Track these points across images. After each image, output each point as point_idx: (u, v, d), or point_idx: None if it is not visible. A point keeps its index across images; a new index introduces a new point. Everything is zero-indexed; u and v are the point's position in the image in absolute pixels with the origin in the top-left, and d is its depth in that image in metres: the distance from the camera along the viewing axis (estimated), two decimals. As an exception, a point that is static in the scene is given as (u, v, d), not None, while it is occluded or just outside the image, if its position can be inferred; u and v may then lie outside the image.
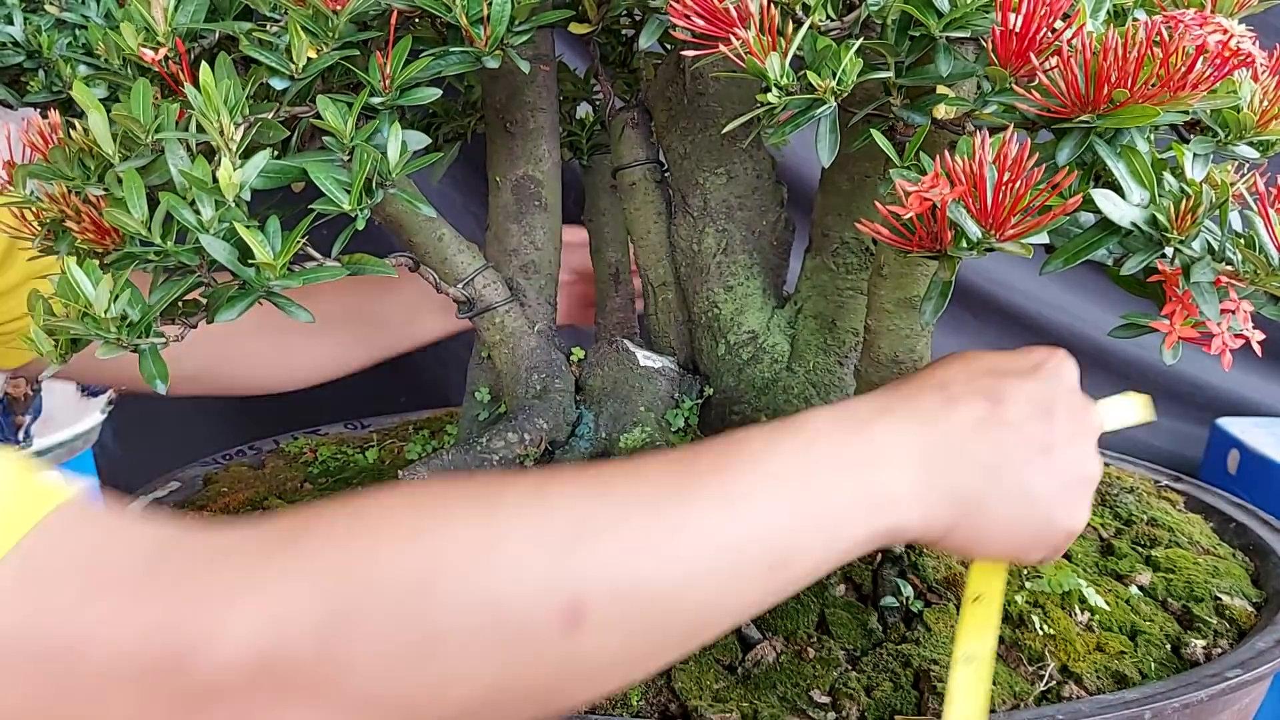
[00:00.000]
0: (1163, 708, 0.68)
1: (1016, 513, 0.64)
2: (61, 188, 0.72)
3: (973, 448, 0.63)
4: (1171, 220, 0.61)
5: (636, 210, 0.95)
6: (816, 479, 0.59)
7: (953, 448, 0.63)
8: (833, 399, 0.92)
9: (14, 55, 0.96)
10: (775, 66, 0.61)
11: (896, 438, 0.62)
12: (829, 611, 0.76)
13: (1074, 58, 0.58)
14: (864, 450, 0.61)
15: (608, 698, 0.69)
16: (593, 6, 0.83)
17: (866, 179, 0.87)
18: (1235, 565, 0.89)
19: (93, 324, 0.67)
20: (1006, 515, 0.64)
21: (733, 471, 0.57)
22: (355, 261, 0.74)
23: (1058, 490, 0.65)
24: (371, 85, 0.70)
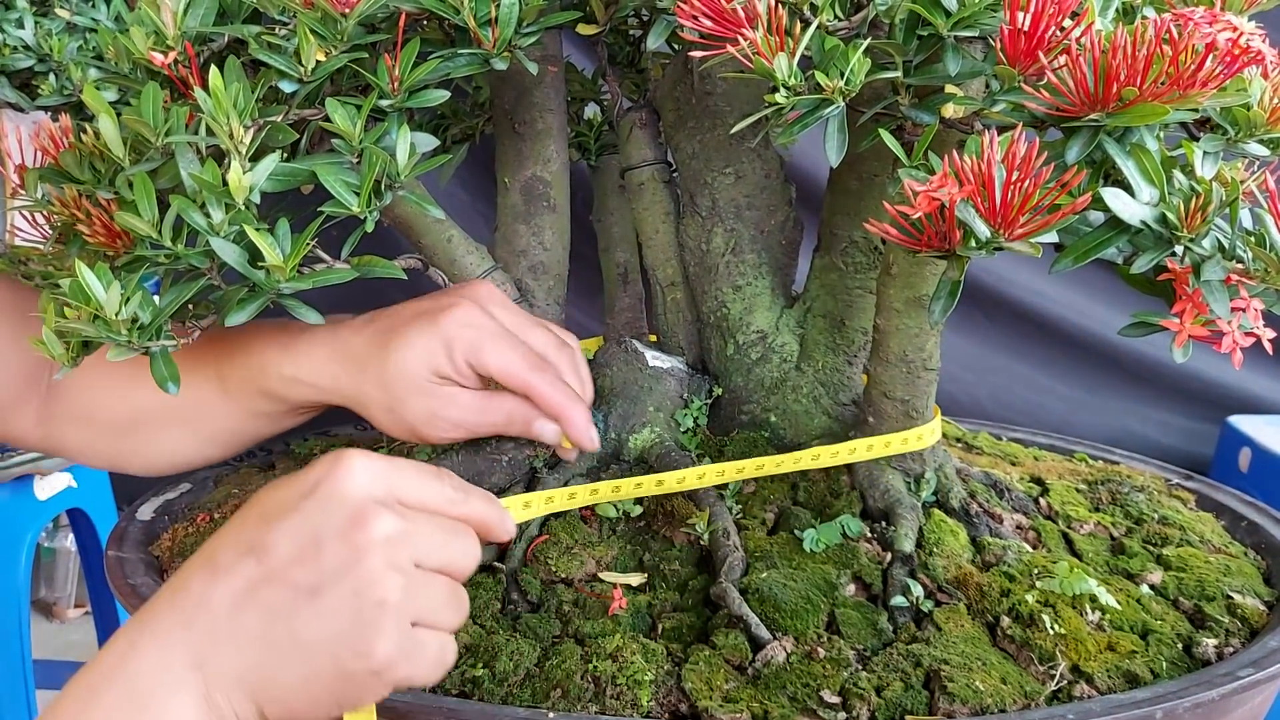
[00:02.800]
0: (1174, 707, 0.68)
1: (302, 672, 0.59)
2: (72, 191, 0.72)
3: (242, 622, 0.59)
4: (1181, 218, 0.60)
5: (645, 210, 0.95)
6: None
7: (220, 633, 0.59)
8: (842, 398, 0.92)
9: (25, 59, 0.96)
10: (783, 67, 0.61)
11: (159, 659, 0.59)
12: (839, 611, 0.76)
13: (1083, 56, 0.58)
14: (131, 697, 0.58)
15: (617, 698, 0.69)
16: (600, 8, 0.83)
17: (875, 178, 0.87)
18: (1247, 564, 0.88)
19: (104, 327, 0.67)
20: (295, 679, 0.59)
21: None
22: (364, 263, 0.74)
23: (339, 631, 0.59)
24: (380, 87, 0.71)
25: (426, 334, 0.78)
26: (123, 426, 0.90)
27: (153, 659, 0.59)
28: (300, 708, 0.60)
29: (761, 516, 0.85)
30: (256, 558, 0.60)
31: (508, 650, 0.72)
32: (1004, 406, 2.35)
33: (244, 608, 0.59)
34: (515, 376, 0.77)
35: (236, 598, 0.59)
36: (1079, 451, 1.11)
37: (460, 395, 0.80)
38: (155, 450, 0.91)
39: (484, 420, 0.80)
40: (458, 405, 0.80)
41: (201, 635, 0.59)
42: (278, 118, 0.71)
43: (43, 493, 1.92)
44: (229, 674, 0.59)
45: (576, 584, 0.80)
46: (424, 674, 0.61)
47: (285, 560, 0.60)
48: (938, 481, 0.87)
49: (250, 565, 0.60)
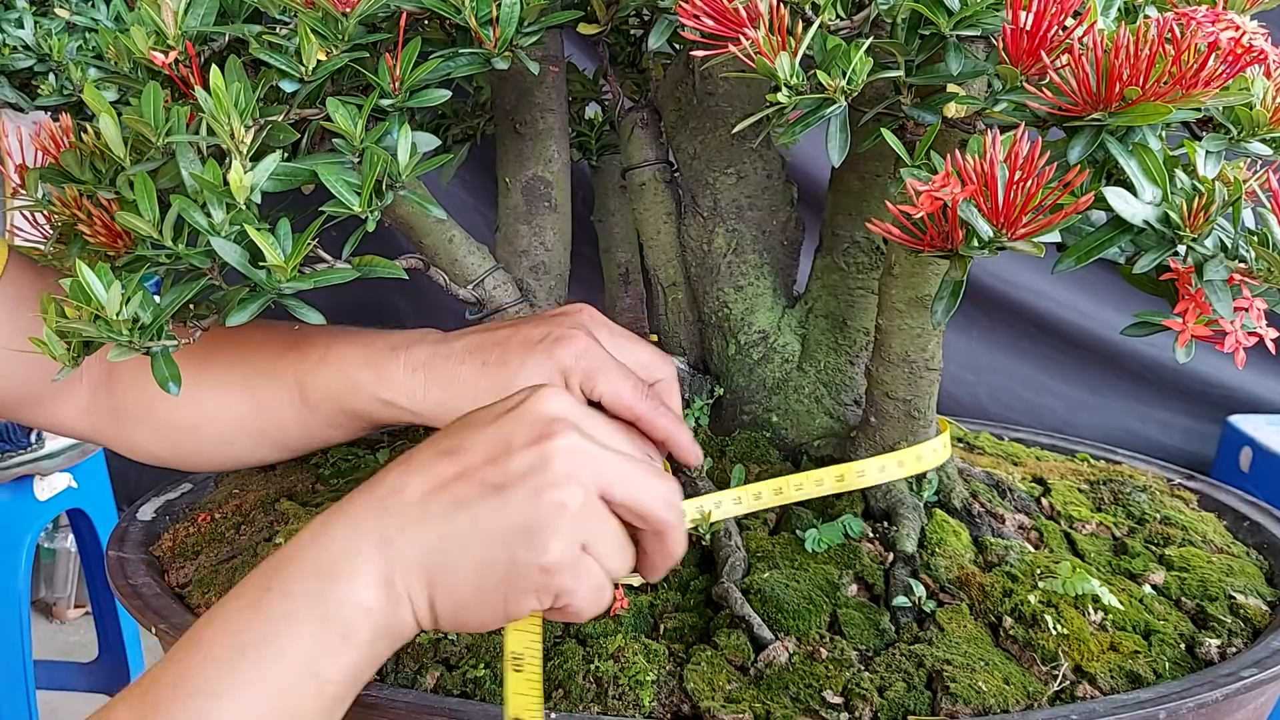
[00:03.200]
0: (1177, 707, 0.68)
1: (478, 560, 0.62)
2: (73, 191, 0.72)
3: (430, 509, 0.63)
4: (1184, 218, 0.60)
5: (646, 210, 0.95)
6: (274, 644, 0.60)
7: (408, 516, 0.63)
8: (844, 398, 0.91)
9: (25, 59, 0.96)
10: (785, 66, 0.61)
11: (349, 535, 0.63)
12: (841, 612, 0.76)
13: (1085, 55, 0.58)
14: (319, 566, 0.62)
15: (619, 698, 0.69)
16: (601, 7, 0.83)
17: (877, 178, 0.87)
18: (1249, 564, 0.88)
19: (105, 327, 0.67)
20: (469, 567, 0.62)
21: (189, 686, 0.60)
22: (365, 263, 0.74)
23: (517, 525, 0.62)
24: (381, 87, 0.71)
25: (545, 366, 0.77)
26: (184, 426, 0.89)
27: (343, 535, 0.63)
28: (469, 600, 0.63)
29: (763, 516, 0.85)
30: (452, 458, 0.64)
31: (509, 651, 0.72)
32: (1005, 407, 2.35)
33: (434, 497, 0.63)
34: (626, 406, 0.76)
35: (428, 489, 0.63)
36: (1081, 451, 1.11)
37: None
38: (220, 452, 0.90)
39: None
40: None
41: (391, 518, 0.63)
42: (279, 117, 0.71)
43: (43, 493, 1.92)
44: (410, 556, 0.62)
45: (578, 584, 0.80)
46: (584, 598, 0.64)
47: (478, 461, 0.64)
48: (940, 481, 0.87)
49: (445, 464, 0.64)
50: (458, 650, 0.74)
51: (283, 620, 0.61)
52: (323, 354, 0.84)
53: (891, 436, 0.85)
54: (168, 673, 0.61)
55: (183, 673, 0.60)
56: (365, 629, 0.61)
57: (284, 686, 0.60)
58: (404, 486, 0.64)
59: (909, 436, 0.85)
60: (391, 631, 0.63)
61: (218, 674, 0.59)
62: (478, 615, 0.64)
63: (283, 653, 0.60)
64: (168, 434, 0.91)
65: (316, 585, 0.61)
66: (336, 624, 0.61)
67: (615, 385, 0.77)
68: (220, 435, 0.89)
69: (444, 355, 0.81)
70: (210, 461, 0.93)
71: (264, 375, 0.86)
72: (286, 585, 0.62)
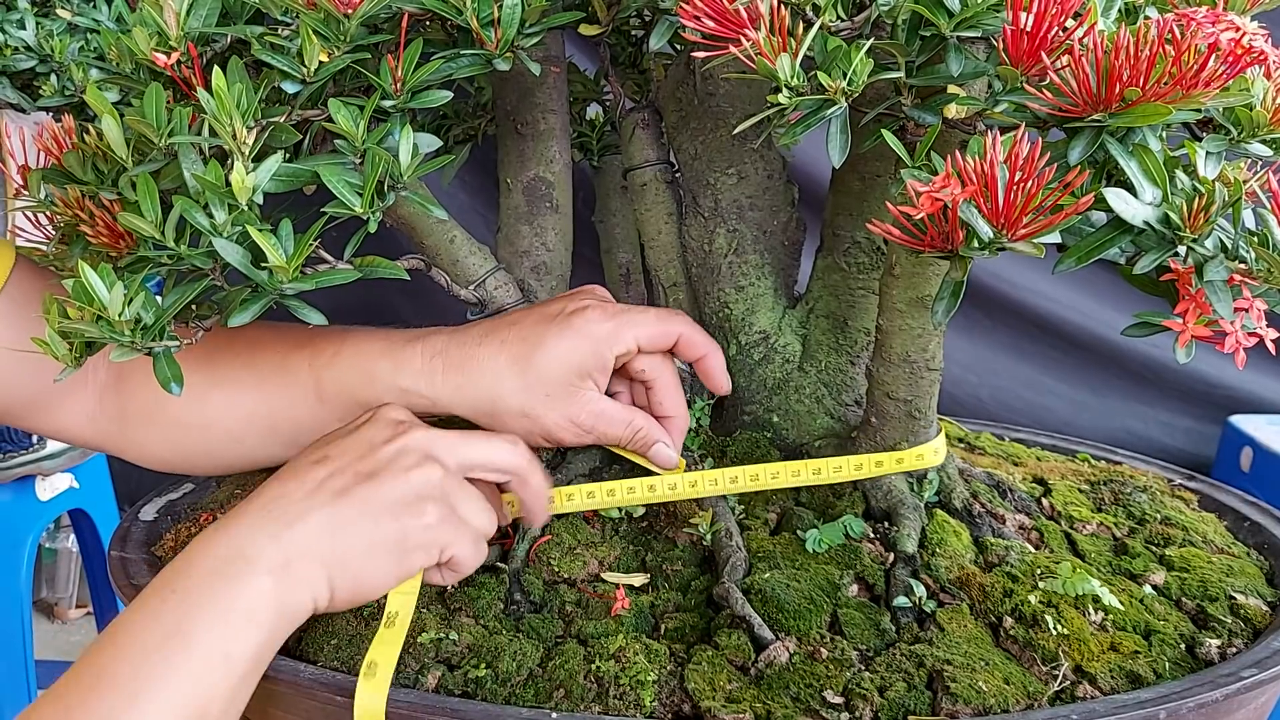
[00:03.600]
0: (1177, 708, 0.68)
1: (368, 535, 0.72)
2: (75, 192, 0.72)
3: (314, 503, 0.72)
4: (1184, 218, 0.60)
5: (647, 211, 0.95)
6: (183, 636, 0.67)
7: (295, 513, 0.72)
8: (845, 398, 0.92)
9: (27, 60, 0.96)
10: (786, 67, 0.61)
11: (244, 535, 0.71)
12: (841, 612, 0.76)
13: (1085, 56, 0.58)
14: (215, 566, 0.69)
15: (620, 698, 0.69)
16: (603, 8, 0.83)
17: (877, 179, 0.87)
18: (1250, 564, 0.88)
19: (107, 327, 0.67)
20: (362, 543, 0.72)
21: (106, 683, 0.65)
22: (367, 264, 0.74)
23: (396, 498, 0.73)
24: (383, 88, 0.71)
25: (567, 338, 0.80)
26: (194, 425, 0.90)
27: (237, 536, 0.71)
28: (366, 569, 0.72)
29: (764, 517, 0.85)
30: (323, 463, 0.75)
31: (510, 650, 0.72)
32: (1006, 408, 2.35)
33: (316, 494, 0.73)
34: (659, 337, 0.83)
35: (307, 488, 0.73)
36: (1081, 452, 1.11)
37: (597, 401, 0.82)
38: (229, 451, 0.91)
39: (612, 430, 0.83)
40: (592, 410, 0.82)
41: (278, 517, 0.72)
42: (280, 118, 0.71)
43: (44, 493, 1.92)
44: (305, 545, 0.71)
45: (579, 584, 0.80)
46: (465, 551, 0.75)
47: (348, 459, 0.75)
48: (940, 482, 0.87)
49: (319, 469, 0.74)
50: (459, 650, 0.74)
51: (188, 616, 0.67)
52: (338, 348, 0.85)
53: (892, 437, 0.85)
54: (85, 673, 0.66)
55: (98, 672, 0.65)
56: (268, 610, 0.69)
57: (200, 670, 0.66)
58: (285, 493, 0.73)
59: (910, 437, 0.85)
60: (289, 612, 0.70)
61: (132, 669, 0.65)
62: (374, 581, 0.73)
63: (191, 642, 0.66)
64: (176, 434, 0.91)
65: (217, 581, 0.69)
66: (241, 610, 0.68)
67: (643, 329, 0.83)
68: (230, 433, 0.89)
69: (460, 341, 0.83)
70: (218, 462, 0.93)
71: (277, 371, 0.87)
72: (187, 585, 0.69)
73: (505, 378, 0.80)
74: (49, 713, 0.65)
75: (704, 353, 0.85)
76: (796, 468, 0.85)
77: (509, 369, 0.80)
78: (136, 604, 0.69)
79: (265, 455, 0.91)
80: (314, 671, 0.72)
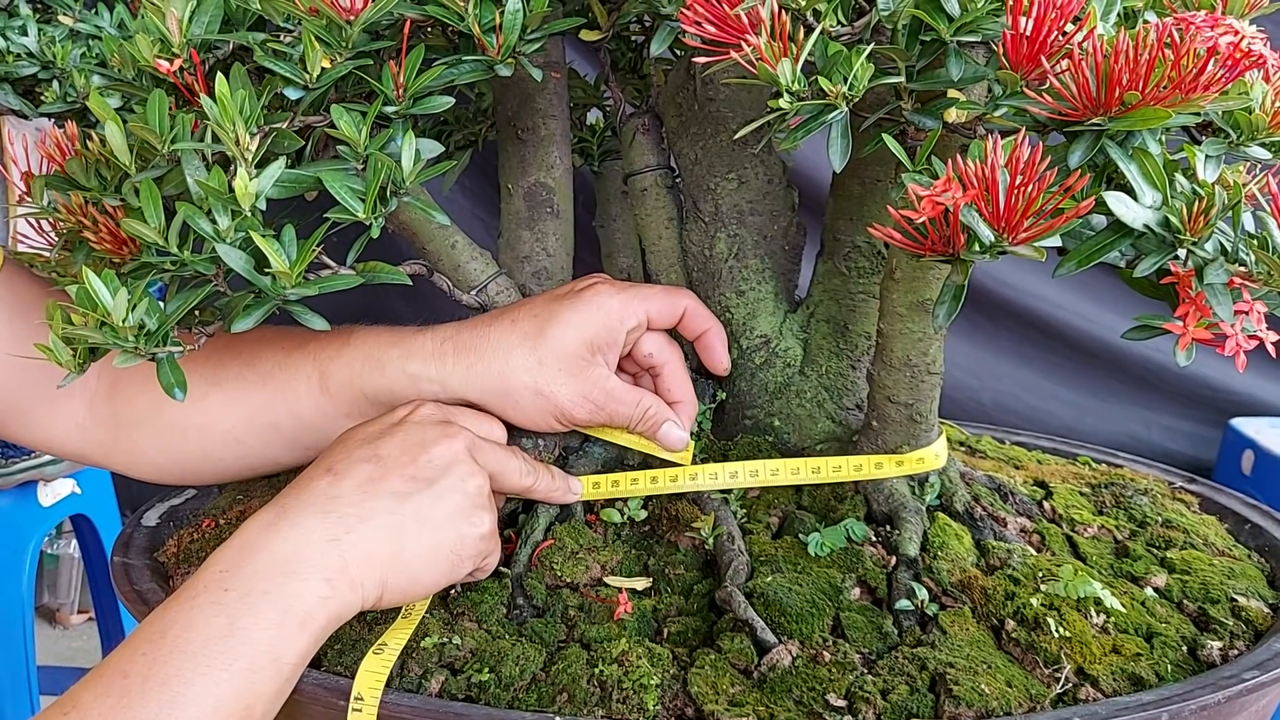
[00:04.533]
0: (1179, 710, 0.68)
1: (430, 541, 0.73)
2: (79, 198, 0.73)
3: (372, 506, 0.72)
4: (1184, 222, 0.61)
5: (648, 216, 0.95)
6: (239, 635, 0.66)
7: (353, 515, 0.71)
8: (846, 402, 0.92)
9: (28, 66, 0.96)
10: (787, 72, 0.61)
11: (300, 537, 0.70)
12: (844, 615, 0.76)
13: (1085, 60, 0.59)
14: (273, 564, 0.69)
15: (624, 702, 0.69)
16: (603, 13, 0.83)
17: (877, 183, 0.87)
18: (1251, 566, 0.88)
19: (110, 333, 0.67)
20: (423, 549, 0.73)
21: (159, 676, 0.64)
22: (369, 269, 0.74)
23: (456, 507, 0.74)
24: (385, 94, 0.71)
25: (580, 311, 0.82)
26: (192, 427, 0.88)
27: (293, 538, 0.70)
28: (422, 573, 0.73)
29: (766, 521, 0.86)
30: (372, 462, 0.74)
31: (513, 655, 0.72)
32: (1007, 412, 2.35)
33: (371, 495, 0.72)
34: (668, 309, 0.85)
35: (362, 489, 0.73)
36: (1082, 455, 1.11)
37: (609, 379, 0.83)
38: (228, 453, 0.90)
39: (623, 408, 0.84)
40: (604, 388, 0.82)
41: (336, 519, 0.71)
42: (283, 124, 0.71)
43: (46, 499, 1.92)
44: (362, 549, 0.71)
45: (582, 589, 0.81)
46: (494, 560, 0.78)
47: (398, 460, 0.74)
48: (942, 485, 0.87)
49: (370, 467, 0.74)
50: (462, 655, 0.74)
51: (247, 615, 0.66)
52: (345, 340, 0.86)
53: (894, 440, 0.85)
54: (134, 666, 0.64)
55: (149, 665, 0.64)
56: (321, 616, 0.68)
57: (249, 671, 0.65)
58: (339, 493, 0.72)
59: (911, 440, 0.85)
60: (340, 615, 0.70)
61: (189, 665, 0.64)
62: (427, 585, 0.74)
63: (248, 641, 0.66)
64: (173, 438, 0.90)
65: (275, 584, 0.68)
66: (296, 614, 0.67)
67: (653, 302, 0.84)
68: (229, 434, 0.89)
69: (470, 325, 0.84)
70: (215, 467, 0.92)
71: (279, 367, 0.87)
72: (245, 585, 0.68)
73: (517, 354, 0.81)
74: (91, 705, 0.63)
75: (708, 326, 0.88)
76: (796, 465, 0.86)
77: (521, 345, 0.81)
78: (185, 599, 0.68)
79: (265, 458, 0.91)
80: (318, 676, 0.72)
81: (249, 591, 0.68)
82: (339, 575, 0.69)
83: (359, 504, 0.72)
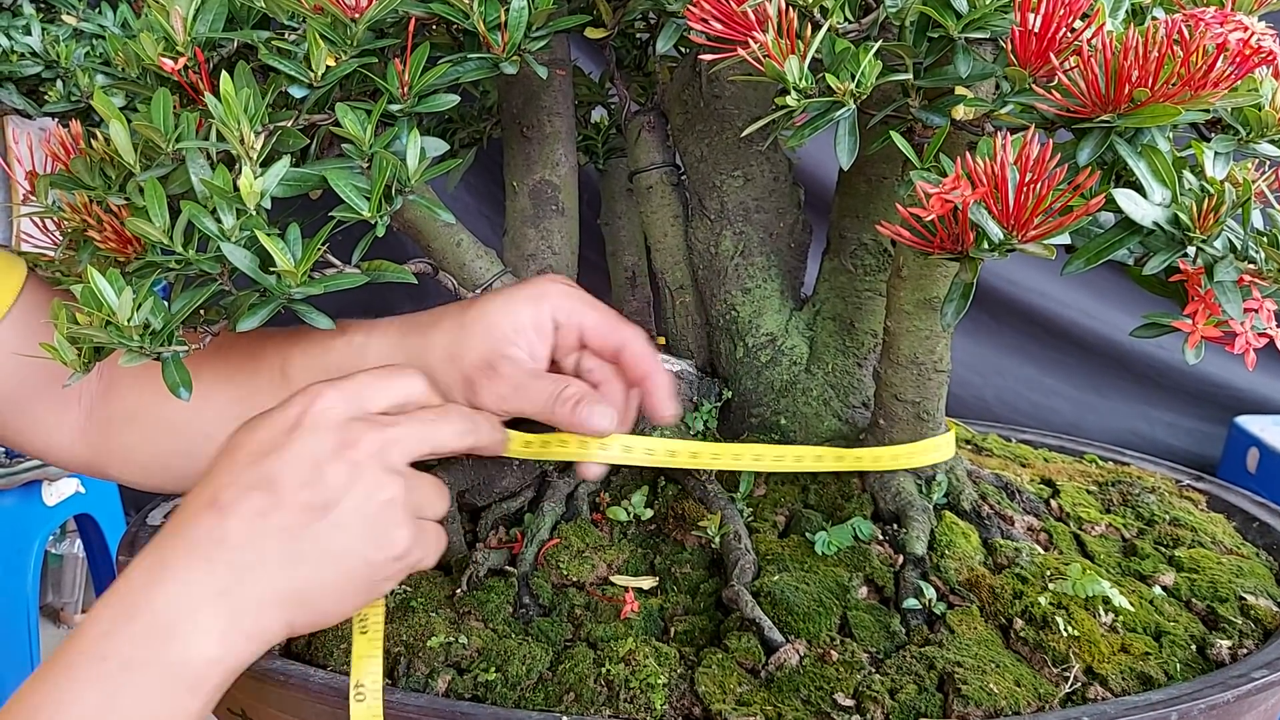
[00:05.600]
0: (1188, 709, 0.67)
1: (336, 576, 0.65)
2: (83, 197, 0.72)
3: (264, 548, 0.63)
4: (1193, 219, 0.60)
5: (653, 214, 0.95)
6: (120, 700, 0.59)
7: (242, 562, 0.63)
8: (852, 400, 0.91)
9: (32, 65, 0.96)
10: (794, 69, 0.61)
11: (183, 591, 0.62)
12: (851, 614, 0.76)
13: (1094, 57, 0.58)
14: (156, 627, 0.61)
15: (631, 701, 0.69)
16: (608, 11, 0.83)
17: (884, 181, 0.87)
18: (1259, 565, 0.88)
19: (116, 333, 0.67)
20: (329, 585, 0.65)
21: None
22: (375, 268, 0.74)
23: (361, 534, 0.65)
24: (390, 92, 0.71)
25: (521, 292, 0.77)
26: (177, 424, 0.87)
27: (175, 593, 0.62)
28: (332, 607, 0.66)
29: (772, 519, 0.85)
30: (261, 491, 0.64)
31: (520, 654, 0.72)
32: (1011, 409, 2.34)
33: (262, 535, 0.64)
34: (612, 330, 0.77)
35: (251, 528, 0.64)
36: (1089, 453, 1.11)
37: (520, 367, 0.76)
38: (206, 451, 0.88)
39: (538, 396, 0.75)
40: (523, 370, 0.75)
41: (223, 567, 0.63)
42: (288, 123, 0.71)
43: (51, 498, 1.93)
44: (258, 597, 0.63)
45: (588, 587, 0.80)
46: (430, 557, 0.69)
47: (290, 487, 0.64)
48: (949, 484, 0.87)
49: (257, 498, 0.64)
50: (468, 654, 0.74)
51: (127, 688, 0.60)
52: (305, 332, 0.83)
53: (900, 438, 0.85)
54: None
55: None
56: (215, 676, 0.62)
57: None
58: (224, 533, 0.64)
59: (917, 438, 0.85)
60: (239, 667, 0.63)
61: None
62: (339, 613, 0.67)
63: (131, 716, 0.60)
64: (159, 435, 0.88)
65: (157, 649, 0.61)
66: (185, 681, 0.61)
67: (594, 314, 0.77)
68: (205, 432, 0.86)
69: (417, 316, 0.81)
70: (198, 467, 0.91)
71: (247, 360, 0.85)
72: (125, 652, 0.61)
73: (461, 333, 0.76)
74: None
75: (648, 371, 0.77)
76: (800, 452, 0.85)
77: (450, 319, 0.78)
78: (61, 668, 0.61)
79: None
80: (324, 676, 0.72)
81: (129, 661, 0.61)
82: (231, 629, 0.62)
83: (248, 545, 0.63)
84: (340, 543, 0.65)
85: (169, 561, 0.64)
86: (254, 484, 0.65)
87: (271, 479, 0.65)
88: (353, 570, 0.65)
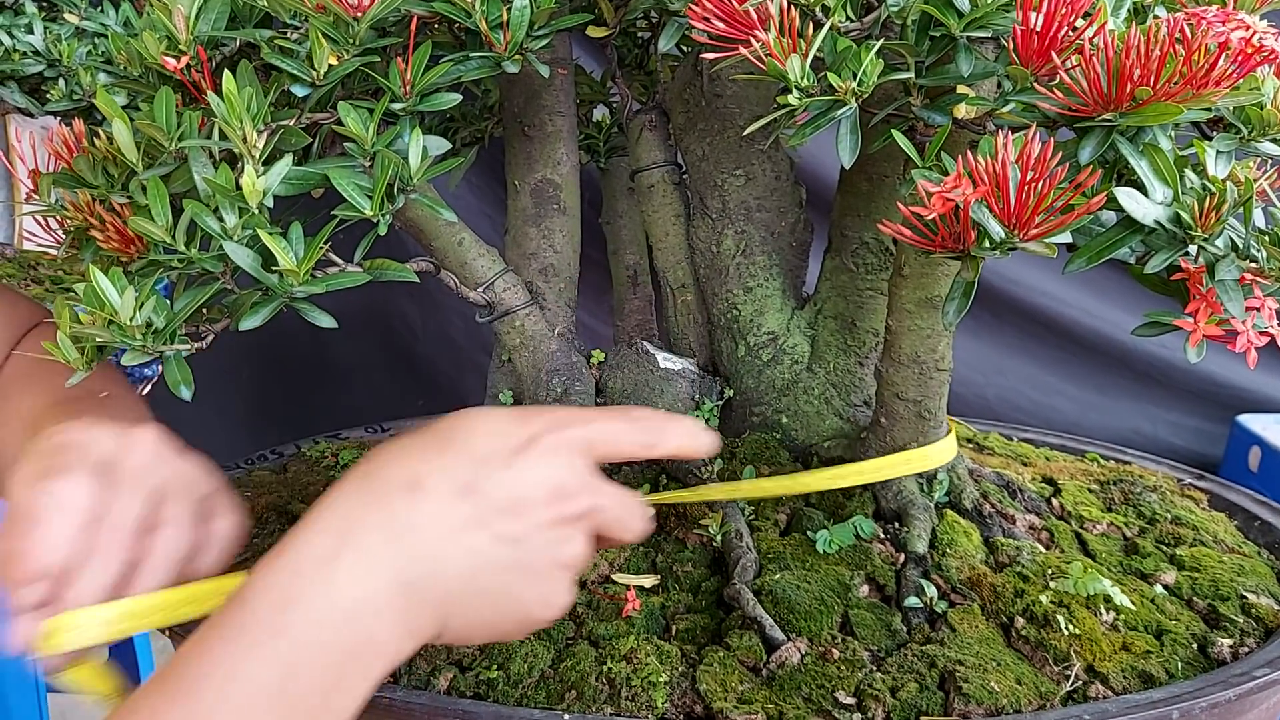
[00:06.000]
0: (1190, 707, 0.67)
1: (493, 611, 0.63)
2: (86, 196, 0.73)
3: (449, 555, 0.61)
4: (1195, 218, 0.60)
5: (655, 212, 0.95)
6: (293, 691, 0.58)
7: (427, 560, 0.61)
8: (853, 399, 0.91)
9: (34, 64, 0.96)
10: (796, 68, 0.61)
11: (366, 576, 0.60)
12: (853, 612, 0.76)
13: (1096, 56, 0.58)
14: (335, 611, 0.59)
15: (632, 699, 0.69)
16: (610, 10, 0.83)
17: (885, 179, 0.87)
18: (1260, 563, 0.88)
19: (118, 331, 0.67)
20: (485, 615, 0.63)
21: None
22: (377, 266, 0.74)
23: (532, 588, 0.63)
24: (392, 91, 0.71)
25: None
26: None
27: (360, 575, 0.60)
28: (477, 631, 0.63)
29: (774, 518, 0.85)
30: (470, 501, 0.62)
31: (522, 652, 0.72)
32: (1013, 408, 2.34)
33: (452, 542, 0.61)
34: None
35: (445, 531, 0.61)
36: (1090, 451, 1.11)
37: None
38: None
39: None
40: None
41: (409, 558, 0.60)
42: (290, 121, 0.71)
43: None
44: (428, 598, 0.61)
45: (590, 586, 0.80)
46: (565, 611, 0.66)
47: (495, 510, 0.62)
48: (950, 482, 0.87)
49: (460, 505, 0.61)
50: (470, 652, 0.74)
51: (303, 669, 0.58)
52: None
53: (902, 437, 0.85)
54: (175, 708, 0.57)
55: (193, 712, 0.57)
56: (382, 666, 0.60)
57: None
58: (417, 521, 0.61)
59: (919, 437, 0.85)
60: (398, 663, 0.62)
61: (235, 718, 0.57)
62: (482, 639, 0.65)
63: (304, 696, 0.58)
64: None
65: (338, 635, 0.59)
66: (359, 667, 0.59)
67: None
68: None
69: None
70: None
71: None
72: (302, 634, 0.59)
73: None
74: None
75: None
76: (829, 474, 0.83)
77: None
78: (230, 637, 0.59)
79: None
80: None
81: (308, 642, 0.58)
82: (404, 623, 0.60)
83: (436, 548, 0.61)
84: (515, 587, 0.63)
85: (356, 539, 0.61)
86: (465, 489, 0.62)
87: (483, 492, 0.62)
88: (509, 614, 0.63)
